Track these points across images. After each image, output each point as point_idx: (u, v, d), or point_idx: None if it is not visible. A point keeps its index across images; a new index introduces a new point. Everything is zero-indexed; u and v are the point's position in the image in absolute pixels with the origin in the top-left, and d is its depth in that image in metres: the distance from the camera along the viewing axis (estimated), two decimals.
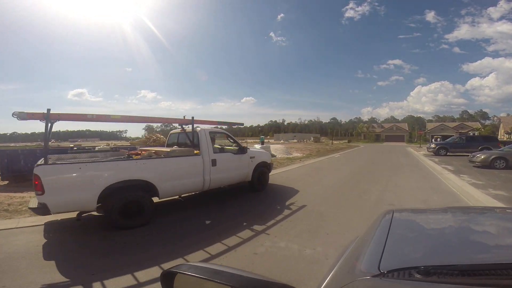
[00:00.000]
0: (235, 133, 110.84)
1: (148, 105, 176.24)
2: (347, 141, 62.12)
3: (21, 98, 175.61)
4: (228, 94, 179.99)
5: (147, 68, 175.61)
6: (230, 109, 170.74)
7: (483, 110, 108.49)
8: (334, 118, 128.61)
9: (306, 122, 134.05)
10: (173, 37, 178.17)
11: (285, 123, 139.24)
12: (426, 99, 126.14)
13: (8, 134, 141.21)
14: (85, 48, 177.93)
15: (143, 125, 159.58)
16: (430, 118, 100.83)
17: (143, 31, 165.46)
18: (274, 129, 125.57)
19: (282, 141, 69.95)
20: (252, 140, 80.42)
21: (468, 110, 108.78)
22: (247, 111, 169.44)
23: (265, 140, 77.45)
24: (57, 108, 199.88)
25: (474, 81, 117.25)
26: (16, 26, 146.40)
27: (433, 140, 41.69)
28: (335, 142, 61.42)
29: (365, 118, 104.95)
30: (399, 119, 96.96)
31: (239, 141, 7.17)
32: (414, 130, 73.76)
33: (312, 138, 64.37)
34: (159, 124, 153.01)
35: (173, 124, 6.84)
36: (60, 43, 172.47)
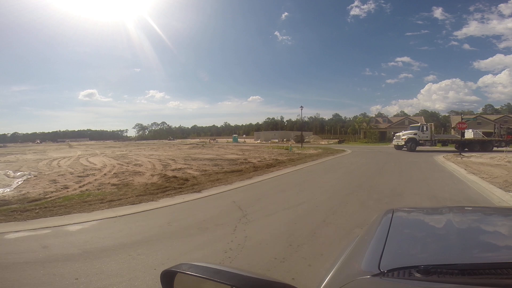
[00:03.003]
0: (231, 132, 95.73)
1: (157, 104, 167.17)
2: (337, 140, 43.71)
3: (33, 99, 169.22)
4: (235, 93, 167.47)
5: (155, 69, 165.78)
6: (238, 107, 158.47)
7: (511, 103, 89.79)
8: (336, 114, 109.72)
9: (306, 119, 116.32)
10: (180, 38, 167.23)
11: (284, 121, 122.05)
12: (437, 96, 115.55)
13: (9, 135, 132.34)
14: (94, 49, 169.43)
15: (145, 124, 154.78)
16: (446, 114, 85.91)
17: (149, 32, 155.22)
18: (272, 127, 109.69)
19: (259, 140, 52.77)
20: (226, 140, 64.30)
21: (493, 105, 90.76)
22: (254, 109, 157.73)
23: (242, 140, 60.86)
24: (68, 108, 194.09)
25: (486, 78, 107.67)
26: (25, 28, 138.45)
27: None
28: (322, 142, 43.26)
29: (373, 115, 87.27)
30: (411, 115, 78.44)
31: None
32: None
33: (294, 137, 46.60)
34: (149, 123, 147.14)
35: None
36: (70, 45, 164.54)
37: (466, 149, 21.04)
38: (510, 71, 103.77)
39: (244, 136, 68.99)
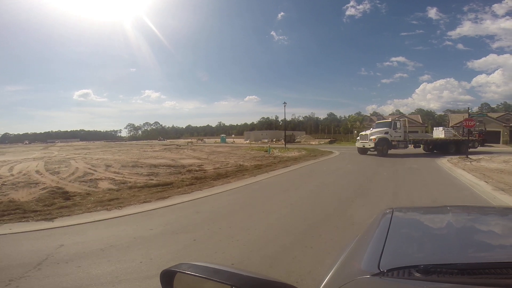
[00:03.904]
0: (225, 131, 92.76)
1: (152, 104, 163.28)
2: (328, 141, 40.53)
3: (28, 99, 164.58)
4: (232, 92, 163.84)
5: (150, 68, 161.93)
6: (234, 107, 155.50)
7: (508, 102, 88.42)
8: (331, 114, 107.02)
9: (301, 118, 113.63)
10: (176, 37, 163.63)
11: (279, 120, 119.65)
12: (431, 96, 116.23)
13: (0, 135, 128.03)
14: (89, 49, 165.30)
15: (137, 124, 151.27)
16: (441, 113, 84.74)
17: (145, 32, 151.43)
18: (266, 126, 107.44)
19: (248, 140, 49.58)
20: (214, 140, 60.98)
21: (489, 104, 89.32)
22: (251, 109, 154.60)
23: (231, 140, 57.60)
24: (63, 108, 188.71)
25: (480, 78, 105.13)
26: (21, 28, 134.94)
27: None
28: (312, 142, 40.18)
29: (368, 114, 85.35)
30: (406, 114, 75.70)
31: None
32: (428, 125, 50.96)
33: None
34: (141, 123, 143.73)
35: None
36: (65, 44, 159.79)
37: (435, 150, 17.39)
38: (503, 71, 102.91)
39: (233, 136, 65.77)
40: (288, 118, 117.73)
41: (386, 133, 15.94)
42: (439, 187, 6.58)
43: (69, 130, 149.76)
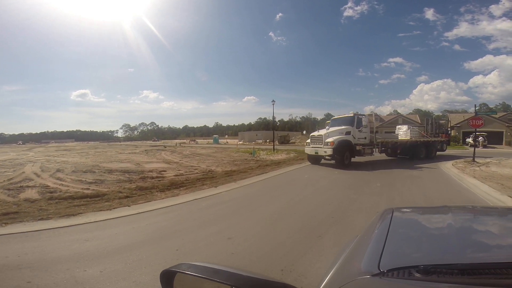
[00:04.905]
0: (222, 132, 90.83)
1: (150, 105, 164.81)
2: None
3: (26, 99, 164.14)
4: (230, 93, 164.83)
5: (149, 69, 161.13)
6: (233, 108, 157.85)
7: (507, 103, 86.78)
8: (328, 114, 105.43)
9: (298, 119, 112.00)
10: (175, 37, 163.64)
11: (277, 121, 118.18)
12: (429, 96, 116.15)
13: None
14: (88, 49, 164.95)
15: (133, 124, 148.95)
16: (439, 114, 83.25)
17: (143, 32, 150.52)
18: (264, 127, 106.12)
19: (242, 141, 47.80)
20: (207, 141, 59.15)
21: (487, 104, 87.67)
22: (250, 110, 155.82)
23: (224, 141, 55.74)
24: (61, 108, 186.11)
25: (477, 79, 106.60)
26: (19, 27, 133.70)
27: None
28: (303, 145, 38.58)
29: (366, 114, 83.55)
30: (404, 115, 73.42)
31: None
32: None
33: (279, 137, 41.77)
34: (137, 124, 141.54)
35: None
36: (63, 44, 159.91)
37: (400, 155, 13.87)
38: (499, 72, 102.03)
39: (226, 136, 64.07)
40: (286, 118, 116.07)
41: (348, 133, 11.17)
42: None
43: (65, 131, 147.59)
